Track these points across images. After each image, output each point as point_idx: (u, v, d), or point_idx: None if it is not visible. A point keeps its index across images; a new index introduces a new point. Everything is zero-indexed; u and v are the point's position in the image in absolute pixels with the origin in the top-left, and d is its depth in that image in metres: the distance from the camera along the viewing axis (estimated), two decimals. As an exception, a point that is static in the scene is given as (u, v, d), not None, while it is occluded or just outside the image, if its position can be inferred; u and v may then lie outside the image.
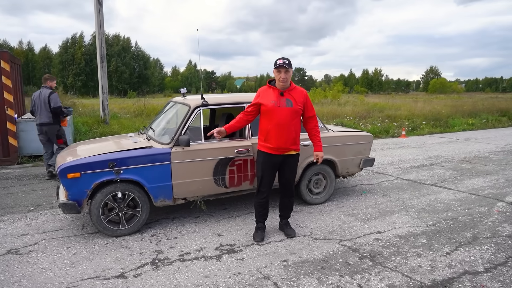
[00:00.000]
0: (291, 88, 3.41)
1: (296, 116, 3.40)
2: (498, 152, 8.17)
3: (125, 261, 3.10)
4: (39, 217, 4.16)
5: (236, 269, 2.96)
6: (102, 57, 9.36)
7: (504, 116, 15.05)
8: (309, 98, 3.52)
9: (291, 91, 3.40)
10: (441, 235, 3.62)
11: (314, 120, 3.55)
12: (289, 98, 3.36)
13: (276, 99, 3.34)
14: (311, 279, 2.81)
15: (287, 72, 3.28)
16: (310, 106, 3.52)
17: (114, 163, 3.45)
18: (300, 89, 3.48)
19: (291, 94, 3.38)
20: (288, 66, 3.27)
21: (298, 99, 3.40)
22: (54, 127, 5.80)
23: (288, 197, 3.66)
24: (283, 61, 3.28)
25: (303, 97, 3.44)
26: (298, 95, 3.42)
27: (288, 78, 3.32)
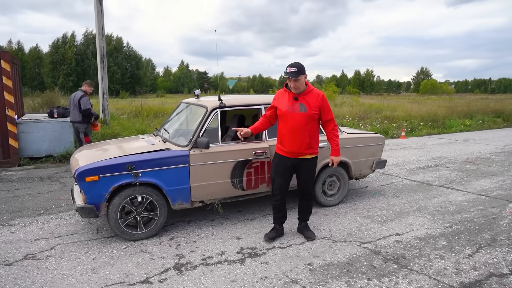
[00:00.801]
0: (306, 91, 3.31)
1: (311, 121, 3.32)
2: (499, 153, 8.27)
3: (147, 266, 3.04)
4: (50, 221, 4.07)
5: (262, 273, 2.93)
6: (103, 57, 9.23)
7: (498, 117, 15.27)
8: (326, 101, 3.41)
9: (306, 95, 3.31)
10: (459, 237, 3.64)
11: (331, 123, 3.44)
12: (303, 102, 3.28)
13: (290, 104, 3.30)
14: (339, 282, 2.79)
15: (296, 81, 3.20)
16: (327, 110, 3.39)
17: (133, 166, 3.39)
18: (316, 92, 3.36)
19: (305, 99, 3.30)
20: (296, 75, 3.17)
21: (313, 103, 3.30)
22: (82, 124, 6.55)
23: (307, 200, 3.63)
24: (291, 69, 3.19)
25: (318, 101, 3.32)
26: (313, 99, 3.31)
27: (299, 86, 3.24)
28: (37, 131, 7.38)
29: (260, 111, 4.08)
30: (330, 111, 3.42)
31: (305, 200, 3.62)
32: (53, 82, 49.12)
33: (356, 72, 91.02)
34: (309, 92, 3.32)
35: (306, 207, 3.66)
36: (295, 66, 3.18)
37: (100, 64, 9.21)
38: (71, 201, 4.68)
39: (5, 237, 3.63)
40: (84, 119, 6.53)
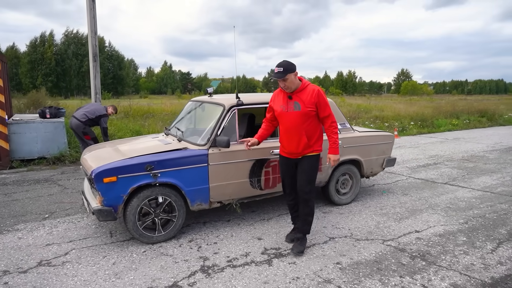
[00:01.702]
0: (300, 89, 3.12)
1: (307, 118, 3.11)
2: (491, 151, 8.49)
3: (173, 270, 2.93)
4: (58, 225, 3.88)
5: (292, 274, 2.86)
6: (95, 56, 8.94)
7: (483, 117, 15.71)
8: (323, 96, 3.14)
9: (300, 93, 3.12)
10: (477, 233, 3.68)
11: (329, 119, 3.18)
12: (297, 101, 3.11)
13: (285, 103, 3.16)
14: (373, 281, 2.76)
15: (285, 80, 3.03)
16: (323, 105, 3.13)
17: (152, 166, 3.27)
18: (311, 88, 3.12)
19: (299, 96, 3.11)
20: (282, 75, 2.98)
21: (308, 100, 3.09)
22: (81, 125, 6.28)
23: (302, 205, 3.24)
24: (277, 70, 3.01)
25: (313, 97, 3.09)
26: (308, 96, 3.10)
27: (289, 85, 3.06)
28: (29, 132, 7.08)
29: (276, 109, 4.01)
30: (328, 106, 3.17)
31: (300, 204, 3.26)
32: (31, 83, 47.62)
33: (338, 73, 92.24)
34: (304, 89, 3.12)
35: (301, 213, 3.27)
36: (281, 66, 3.00)
37: (92, 63, 8.92)
38: (76, 204, 4.51)
39: (13, 243, 3.43)
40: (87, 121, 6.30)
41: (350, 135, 4.45)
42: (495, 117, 15.75)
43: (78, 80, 51.26)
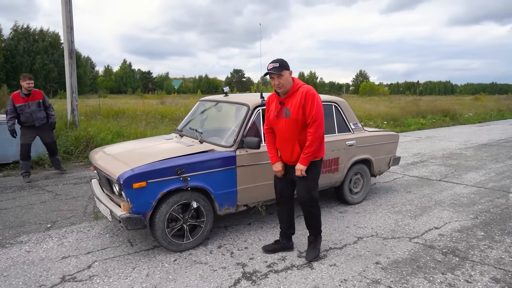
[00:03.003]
0: (291, 92, 2.87)
1: (299, 125, 2.87)
2: (466, 149, 9.01)
3: (214, 278, 2.78)
4: (66, 235, 3.56)
5: (338, 276, 2.82)
6: (71, 53, 8.38)
7: (445, 116, 16.69)
8: (311, 98, 2.81)
9: (291, 97, 2.88)
10: (491, 227, 3.86)
11: (311, 127, 2.82)
12: (287, 106, 2.88)
13: (276, 109, 2.96)
14: (419, 279, 2.79)
15: (279, 77, 2.80)
16: (309, 109, 2.80)
17: (182, 169, 3.08)
18: (301, 91, 2.85)
19: (290, 101, 2.88)
20: (279, 70, 2.78)
21: (295, 104, 2.83)
22: None
23: (307, 216, 3.10)
24: (272, 65, 2.80)
25: (301, 99, 2.82)
26: (295, 99, 2.84)
27: (284, 83, 2.83)
28: (2, 134, 6.46)
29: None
30: (314, 110, 2.80)
31: (306, 215, 3.12)
32: (-24, 81, 43.74)
33: (300, 73, 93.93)
34: (295, 92, 2.88)
35: (309, 224, 3.13)
36: (277, 62, 2.80)
37: (68, 60, 8.35)
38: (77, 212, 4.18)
39: (22, 257, 3.09)
40: None
41: (362, 135, 4.50)
42: (457, 117, 16.79)
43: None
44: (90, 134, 7.80)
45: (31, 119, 5.45)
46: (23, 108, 5.37)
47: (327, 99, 4.32)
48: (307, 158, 2.87)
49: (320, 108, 2.84)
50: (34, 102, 5.46)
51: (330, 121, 4.25)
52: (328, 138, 4.13)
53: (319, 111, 2.83)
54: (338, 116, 4.33)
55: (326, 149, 3.99)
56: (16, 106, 5.34)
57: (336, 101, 4.37)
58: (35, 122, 5.49)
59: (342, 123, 4.36)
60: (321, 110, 2.85)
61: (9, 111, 5.34)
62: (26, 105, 5.39)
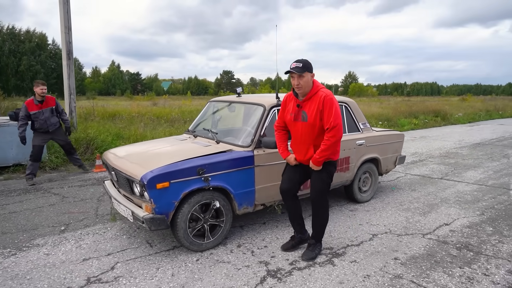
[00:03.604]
0: (310, 96, 2.87)
1: (316, 130, 2.90)
2: (461, 148, 9.22)
3: (240, 277, 2.81)
4: (83, 237, 3.54)
5: (361, 272, 2.89)
6: (69, 53, 8.29)
7: (437, 116, 17.02)
8: (329, 104, 2.81)
9: (309, 100, 2.88)
10: (498, 222, 3.98)
11: (329, 132, 2.81)
12: (305, 110, 2.90)
13: (294, 111, 2.97)
14: (438, 273, 2.87)
15: (300, 77, 2.80)
16: (327, 115, 2.80)
17: (204, 169, 3.10)
18: (320, 95, 2.84)
19: (308, 105, 2.89)
20: (301, 70, 2.78)
21: (313, 108, 2.84)
22: None
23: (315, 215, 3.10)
24: (295, 64, 2.82)
25: (319, 104, 2.82)
26: (315, 104, 2.84)
27: (304, 85, 2.82)
28: (2, 136, 6.36)
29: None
30: (332, 116, 2.78)
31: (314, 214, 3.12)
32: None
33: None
34: (313, 96, 2.87)
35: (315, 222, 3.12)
36: (300, 62, 2.82)
37: (66, 61, 8.25)
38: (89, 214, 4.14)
39: (42, 260, 3.07)
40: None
41: (371, 135, 4.59)
42: (447, 117, 17.14)
43: (16, 80, 46.89)
44: (90, 136, 7.73)
45: (45, 125, 5.49)
46: (37, 115, 5.39)
47: (338, 100, 4.39)
48: (320, 160, 2.91)
49: (338, 114, 2.83)
50: (47, 109, 5.50)
51: (341, 121, 4.32)
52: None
53: (337, 117, 2.82)
54: (348, 116, 4.40)
55: (339, 149, 4.07)
56: (31, 114, 5.36)
57: (346, 101, 4.45)
58: (49, 128, 5.54)
59: (352, 123, 4.44)
60: (339, 116, 2.84)
61: (21, 118, 5.33)
62: (40, 112, 5.42)
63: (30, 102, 5.41)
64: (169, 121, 12.49)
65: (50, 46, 51.11)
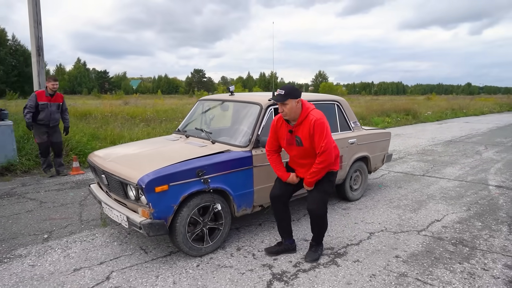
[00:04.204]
0: (300, 120, 2.83)
1: (312, 153, 2.90)
2: (435, 145, 9.56)
3: (245, 281, 2.71)
4: (70, 245, 3.31)
5: (365, 271, 2.87)
6: (40, 49, 7.79)
7: (408, 115, 17.61)
8: (319, 128, 2.76)
9: (301, 125, 2.84)
10: (485, 217, 4.11)
11: (319, 156, 2.80)
12: (298, 135, 2.87)
13: (287, 136, 2.94)
14: (441, 270, 2.91)
15: (283, 105, 2.77)
16: (318, 139, 2.77)
17: (203, 171, 2.98)
18: (309, 119, 2.78)
19: (300, 130, 2.85)
20: (283, 98, 2.73)
21: (306, 134, 2.81)
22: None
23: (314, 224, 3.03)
24: (278, 92, 2.78)
25: (310, 129, 2.78)
26: (305, 129, 2.81)
27: (289, 111, 2.78)
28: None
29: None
30: (322, 140, 2.76)
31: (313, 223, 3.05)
32: None
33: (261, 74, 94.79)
34: (304, 120, 2.82)
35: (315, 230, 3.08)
36: (283, 89, 2.76)
37: (36, 58, 7.75)
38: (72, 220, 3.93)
39: (28, 272, 2.82)
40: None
41: (362, 133, 4.62)
42: (417, 115, 17.77)
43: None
44: (64, 137, 7.30)
45: (48, 118, 5.62)
46: (44, 106, 5.55)
47: (330, 98, 4.39)
48: (312, 181, 2.92)
49: (329, 138, 2.80)
50: (55, 104, 5.69)
51: (333, 119, 4.32)
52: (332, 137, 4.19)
53: (328, 141, 2.79)
54: (340, 115, 4.40)
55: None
56: (39, 103, 5.52)
57: (338, 100, 4.45)
58: (50, 122, 5.66)
59: (344, 122, 4.45)
60: (330, 140, 2.81)
61: (28, 106, 5.46)
62: (48, 104, 5.60)
63: (41, 93, 5.59)
64: (145, 121, 12.12)
65: (10, 42, 48.24)
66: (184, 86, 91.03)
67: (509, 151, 8.59)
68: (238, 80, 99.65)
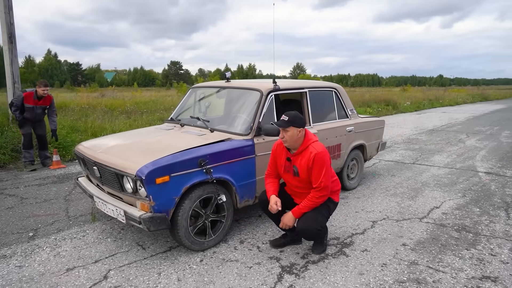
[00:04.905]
0: (300, 150, 2.69)
1: (309, 185, 2.74)
2: (419, 134, 9.70)
3: (254, 275, 2.58)
4: (59, 244, 3.06)
5: (376, 261, 2.80)
6: (12, 37, 7.27)
7: (388, 105, 17.87)
8: (319, 163, 2.60)
9: (300, 155, 2.70)
10: (481, 203, 4.14)
11: (316, 192, 2.65)
12: (296, 165, 2.72)
13: (285, 164, 2.80)
14: (450, 257, 2.87)
15: (285, 131, 2.64)
16: (316, 174, 2.62)
17: (206, 160, 2.80)
18: (309, 151, 2.64)
19: (298, 160, 2.70)
20: (285, 124, 2.60)
21: (304, 166, 2.66)
22: None
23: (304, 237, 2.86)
24: (282, 117, 2.64)
25: (309, 162, 2.63)
26: (303, 160, 2.66)
27: (289, 139, 2.64)
28: None
29: (304, 95, 3.85)
30: (320, 176, 2.61)
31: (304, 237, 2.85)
32: None
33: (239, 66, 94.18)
34: (303, 151, 2.69)
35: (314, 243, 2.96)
36: (287, 115, 2.63)
37: (8, 45, 7.23)
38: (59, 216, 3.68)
39: (16, 274, 2.58)
40: None
41: (359, 121, 4.55)
42: (397, 106, 18.07)
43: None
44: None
45: (33, 118, 5.59)
46: (30, 109, 5.48)
47: (327, 85, 4.28)
48: (302, 212, 2.72)
49: (327, 174, 2.65)
50: (40, 107, 5.58)
51: (331, 107, 4.22)
52: (330, 124, 4.10)
53: (327, 178, 2.64)
54: (337, 102, 4.31)
55: (330, 135, 3.97)
56: (25, 105, 5.45)
57: (336, 87, 4.35)
58: (35, 119, 5.63)
59: (341, 110, 4.36)
60: (328, 176, 2.66)
61: (15, 105, 5.41)
62: (35, 107, 5.52)
63: (29, 95, 5.44)
64: (125, 113, 11.68)
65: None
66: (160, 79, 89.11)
67: (490, 139, 8.82)
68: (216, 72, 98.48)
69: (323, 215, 2.78)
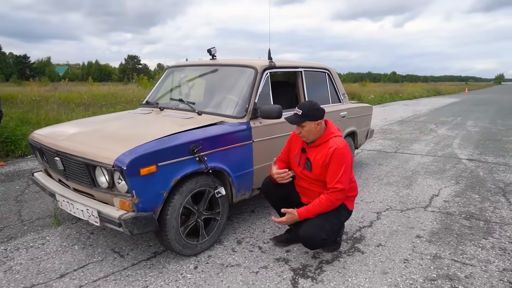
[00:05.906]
0: (319, 143, 2.31)
1: (321, 183, 2.34)
2: (391, 125, 9.71)
3: (264, 282, 2.15)
4: (12, 255, 2.44)
5: (396, 256, 2.48)
6: None
7: (353, 98, 18.04)
8: (338, 160, 2.21)
9: (317, 148, 2.32)
10: (479, 190, 3.99)
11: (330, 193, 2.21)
12: (310, 157, 2.34)
13: (298, 154, 2.43)
14: (471, 247, 2.62)
15: (301, 127, 2.28)
16: (333, 172, 2.21)
17: (199, 147, 2.32)
18: (329, 146, 2.25)
19: (314, 153, 2.33)
20: (300, 120, 2.24)
21: (320, 161, 2.28)
22: None
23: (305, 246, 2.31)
24: (295, 111, 2.27)
25: (326, 157, 2.25)
26: (320, 154, 2.29)
27: (307, 134, 2.28)
28: None
29: (299, 75, 3.46)
30: (337, 176, 2.20)
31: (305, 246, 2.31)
32: None
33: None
34: (322, 144, 2.31)
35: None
36: (302, 108, 2.24)
37: None
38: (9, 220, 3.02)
39: (-49, 299, 1.96)
40: None
41: (350, 106, 4.26)
42: (362, 99, 18.32)
43: None
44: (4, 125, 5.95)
45: None
46: None
47: (320, 66, 3.92)
48: (307, 215, 2.24)
49: (346, 175, 2.22)
50: None
51: (325, 90, 3.87)
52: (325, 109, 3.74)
53: (345, 179, 2.21)
54: (330, 85, 3.97)
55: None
56: None
57: (328, 68, 4.01)
58: None
59: (334, 93, 4.03)
60: (347, 177, 2.24)
61: None
62: None
63: None
64: (82, 105, 10.69)
65: None
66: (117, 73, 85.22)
67: (458, 128, 9.00)
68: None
69: (332, 223, 2.29)
